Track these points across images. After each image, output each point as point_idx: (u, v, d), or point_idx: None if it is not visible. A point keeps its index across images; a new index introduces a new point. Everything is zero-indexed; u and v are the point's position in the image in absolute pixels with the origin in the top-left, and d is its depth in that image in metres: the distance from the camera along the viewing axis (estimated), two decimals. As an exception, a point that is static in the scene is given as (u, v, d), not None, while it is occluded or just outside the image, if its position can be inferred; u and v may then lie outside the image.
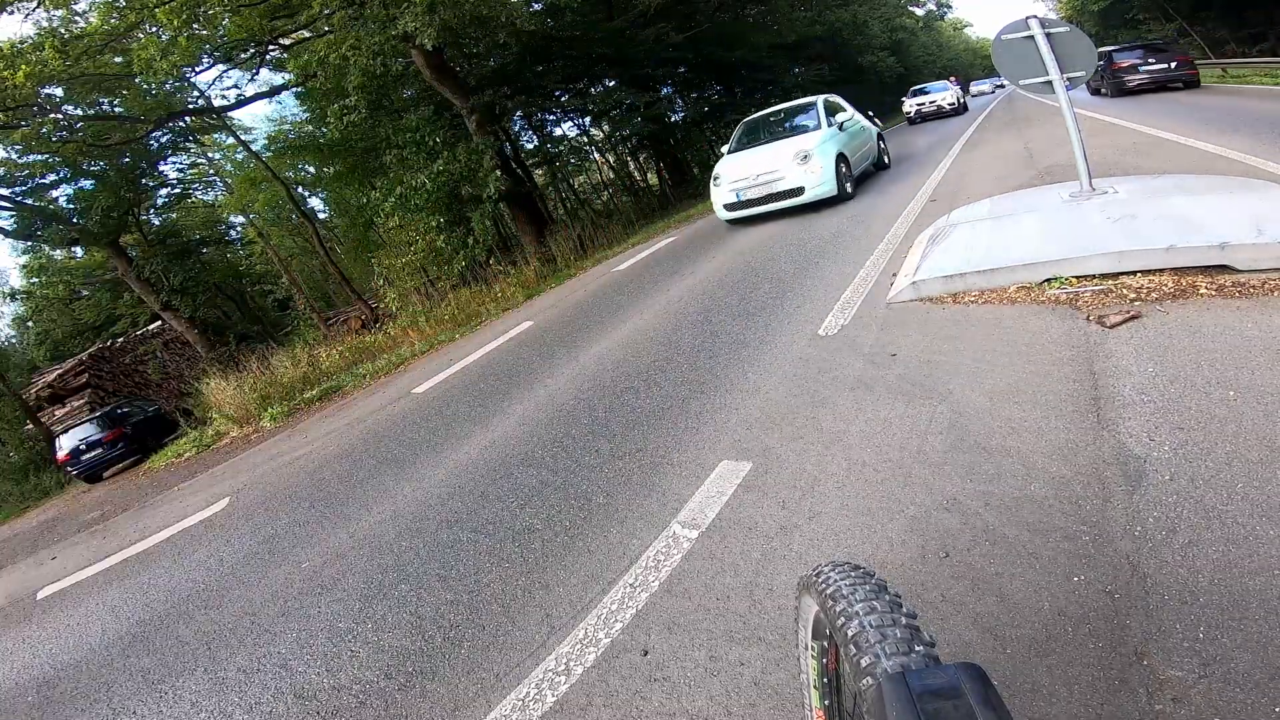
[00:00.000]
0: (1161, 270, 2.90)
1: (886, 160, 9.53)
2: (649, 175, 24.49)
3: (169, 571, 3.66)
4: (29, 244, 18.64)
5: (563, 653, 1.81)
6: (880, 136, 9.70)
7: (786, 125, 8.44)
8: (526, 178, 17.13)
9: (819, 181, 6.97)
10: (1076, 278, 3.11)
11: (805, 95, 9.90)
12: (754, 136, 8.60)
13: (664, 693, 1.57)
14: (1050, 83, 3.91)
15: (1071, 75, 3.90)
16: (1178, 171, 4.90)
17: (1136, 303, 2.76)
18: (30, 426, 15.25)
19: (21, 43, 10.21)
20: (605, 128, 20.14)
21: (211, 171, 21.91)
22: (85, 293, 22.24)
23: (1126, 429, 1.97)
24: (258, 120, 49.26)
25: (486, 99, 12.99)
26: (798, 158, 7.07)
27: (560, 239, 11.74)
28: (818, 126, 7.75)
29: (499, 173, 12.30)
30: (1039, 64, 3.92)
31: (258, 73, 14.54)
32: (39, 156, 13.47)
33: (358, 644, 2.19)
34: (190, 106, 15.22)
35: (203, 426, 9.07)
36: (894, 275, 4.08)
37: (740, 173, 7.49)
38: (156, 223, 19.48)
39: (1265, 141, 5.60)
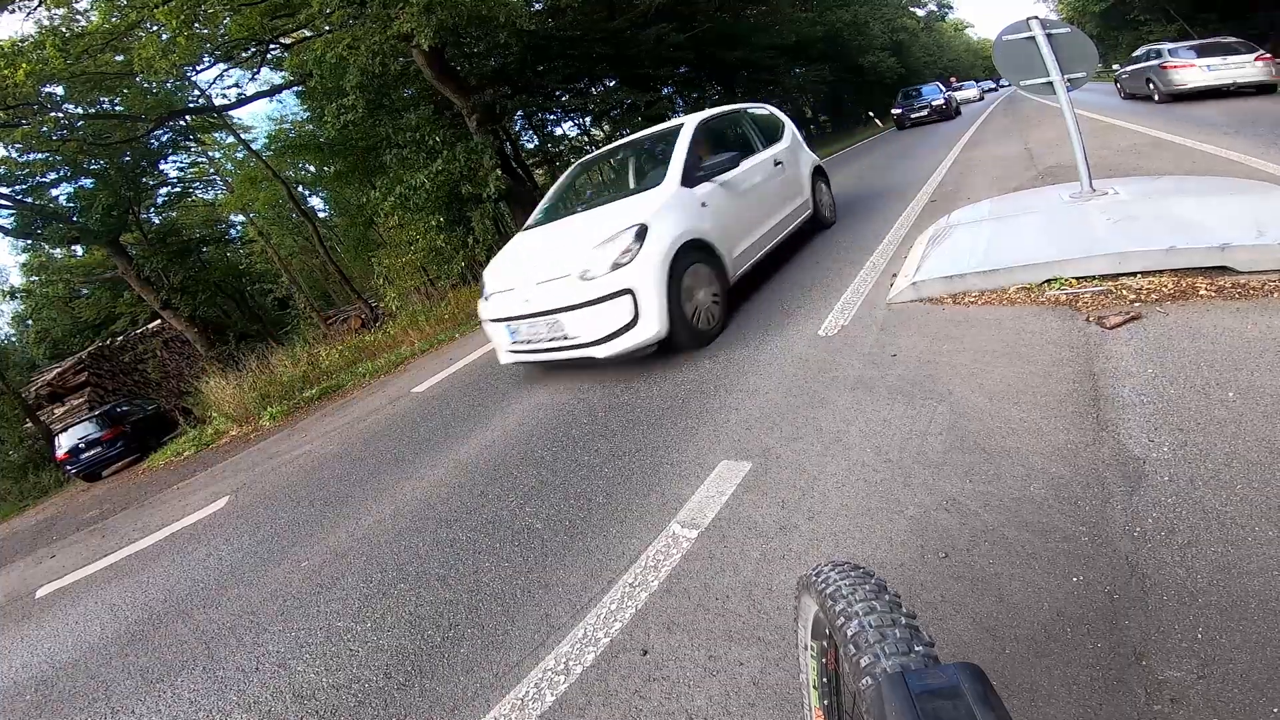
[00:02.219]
0: (1162, 271, 2.90)
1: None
2: (649, 175, 24.45)
3: (168, 570, 3.65)
4: (29, 242, 18.65)
5: (562, 652, 1.81)
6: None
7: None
8: (527, 177, 17.13)
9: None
10: (1076, 279, 3.10)
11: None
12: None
13: (663, 692, 1.57)
14: (1051, 83, 3.92)
15: (1072, 76, 3.91)
16: (1178, 173, 4.91)
17: (1136, 304, 2.76)
18: (29, 425, 15.26)
19: (22, 41, 10.22)
20: (605, 128, 20.16)
21: (212, 170, 21.94)
22: (85, 291, 22.24)
23: (1126, 430, 1.97)
24: (258, 119, 49.29)
25: (487, 98, 12.99)
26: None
27: (561, 238, 11.73)
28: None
29: (499, 172, 12.29)
30: (1040, 65, 3.92)
31: (258, 72, 14.55)
32: (39, 155, 13.49)
33: (357, 644, 2.19)
34: (191, 105, 15.23)
35: (202, 425, 9.06)
36: (894, 276, 4.08)
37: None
38: (156, 221, 19.52)
39: (1265, 142, 5.60)
